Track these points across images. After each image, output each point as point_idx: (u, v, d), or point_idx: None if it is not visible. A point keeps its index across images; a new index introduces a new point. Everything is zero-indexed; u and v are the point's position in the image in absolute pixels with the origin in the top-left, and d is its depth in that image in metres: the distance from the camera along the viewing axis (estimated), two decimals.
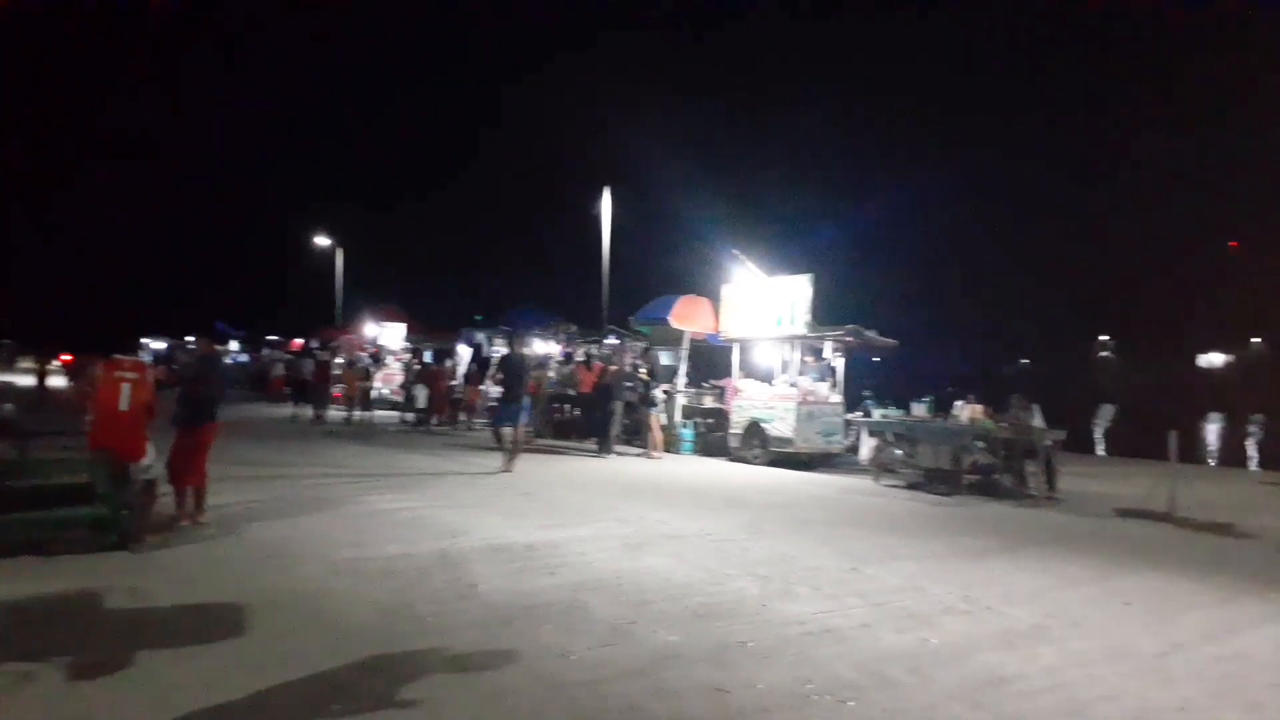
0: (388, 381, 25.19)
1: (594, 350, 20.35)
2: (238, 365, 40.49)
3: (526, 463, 14.07)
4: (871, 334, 15.83)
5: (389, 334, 30.09)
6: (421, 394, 21.52)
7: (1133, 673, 4.89)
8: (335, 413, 22.26)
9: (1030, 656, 5.11)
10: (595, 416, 16.57)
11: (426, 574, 6.63)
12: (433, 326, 31.40)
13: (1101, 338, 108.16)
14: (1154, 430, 13.72)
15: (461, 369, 23.86)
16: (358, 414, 21.98)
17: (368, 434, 19.03)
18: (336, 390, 22.66)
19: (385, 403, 23.90)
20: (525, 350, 15.37)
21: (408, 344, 29.31)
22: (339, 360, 23.96)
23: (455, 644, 5.03)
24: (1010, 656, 5.10)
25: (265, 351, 41.77)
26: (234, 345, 46.25)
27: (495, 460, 13.41)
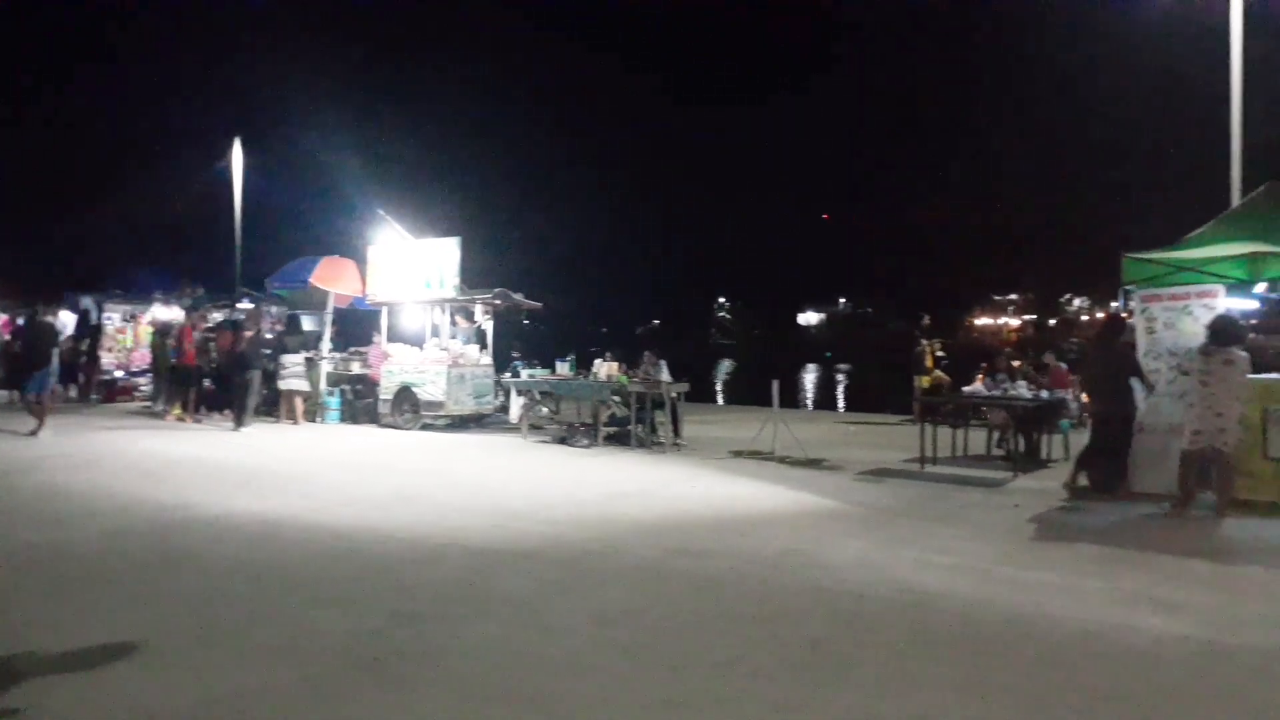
0: None
1: (239, 315, 18.90)
2: None
3: (151, 440, 12.92)
4: (519, 296, 16.38)
5: None
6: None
7: (736, 598, 5.72)
8: None
9: (657, 594, 5.78)
10: (230, 388, 15.51)
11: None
12: (26, 290, 27.18)
13: (720, 300, 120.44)
14: (762, 380, 15.68)
15: (67, 335, 20.99)
16: None
17: None
18: None
19: None
20: (48, 318, 14.25)
21: None
22: None
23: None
24: (635, 594, 5.74)
25: None
26: None
27: (79, 437, 12.20)
